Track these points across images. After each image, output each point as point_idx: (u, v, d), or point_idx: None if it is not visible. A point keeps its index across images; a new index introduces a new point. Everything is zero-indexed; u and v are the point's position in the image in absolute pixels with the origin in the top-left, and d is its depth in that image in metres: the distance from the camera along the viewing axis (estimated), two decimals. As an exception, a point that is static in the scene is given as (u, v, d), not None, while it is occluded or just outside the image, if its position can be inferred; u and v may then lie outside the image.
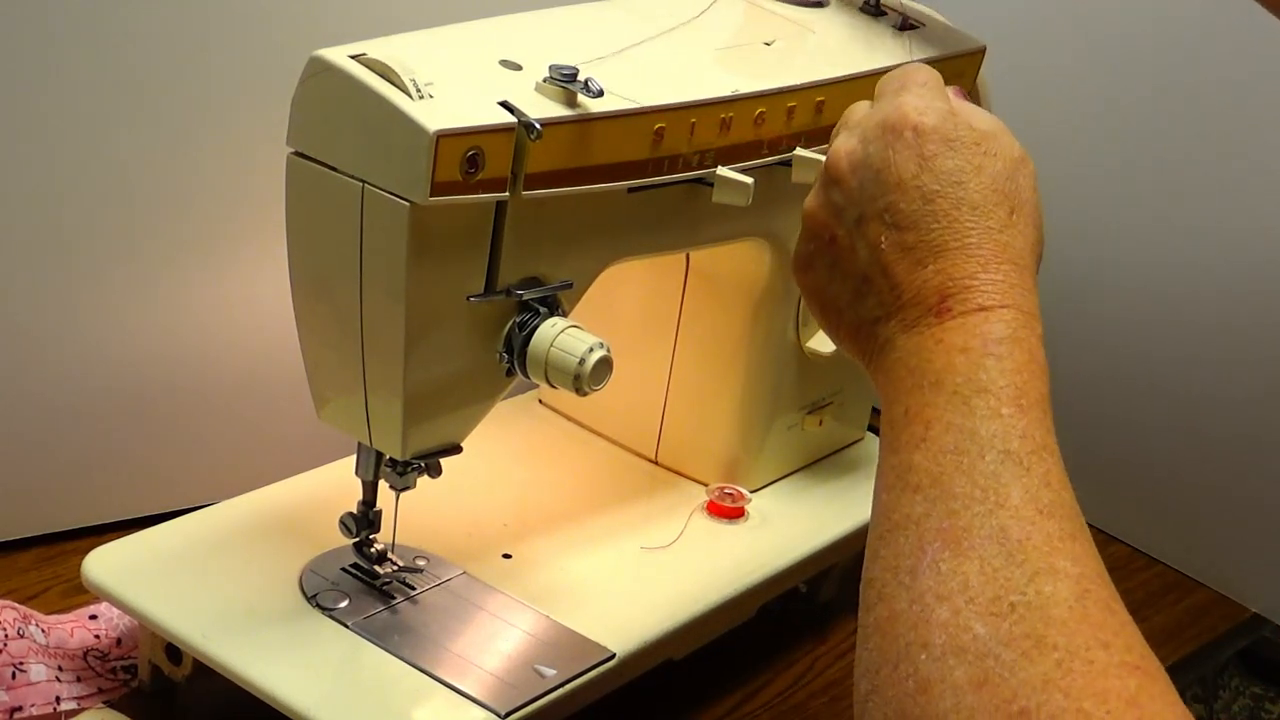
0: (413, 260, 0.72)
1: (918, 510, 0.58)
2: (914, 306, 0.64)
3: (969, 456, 0.58)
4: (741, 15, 0.93)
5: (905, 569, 0.57)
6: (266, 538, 0.86)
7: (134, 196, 0.93)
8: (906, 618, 0.56)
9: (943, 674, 0.53)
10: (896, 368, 0.63)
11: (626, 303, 0.98)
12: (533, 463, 1.00)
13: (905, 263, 0.64)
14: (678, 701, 0.91)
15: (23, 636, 0.84)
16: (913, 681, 0.54)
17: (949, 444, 0.59)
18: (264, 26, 0.93)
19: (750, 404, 0.98)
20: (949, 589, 0.55)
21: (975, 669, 0.53)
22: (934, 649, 0.54)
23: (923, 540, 0.57)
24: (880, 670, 0.56)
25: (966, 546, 0.56)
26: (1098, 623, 0.54)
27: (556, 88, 0.74)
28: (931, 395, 0.61)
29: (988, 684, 0.52)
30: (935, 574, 0.56)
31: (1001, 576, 0.55)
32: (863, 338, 0.67)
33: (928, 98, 0.68)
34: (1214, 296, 1.11)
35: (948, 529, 0.57)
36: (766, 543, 0.95)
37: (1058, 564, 0.55)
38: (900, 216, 0.65)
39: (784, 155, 0.85)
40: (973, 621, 0.54)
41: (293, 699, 0.75)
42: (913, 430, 0.61)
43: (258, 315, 0.98)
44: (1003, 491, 0.57)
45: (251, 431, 1.02)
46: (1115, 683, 0.52)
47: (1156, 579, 1.15)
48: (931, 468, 0.59)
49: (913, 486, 0.59)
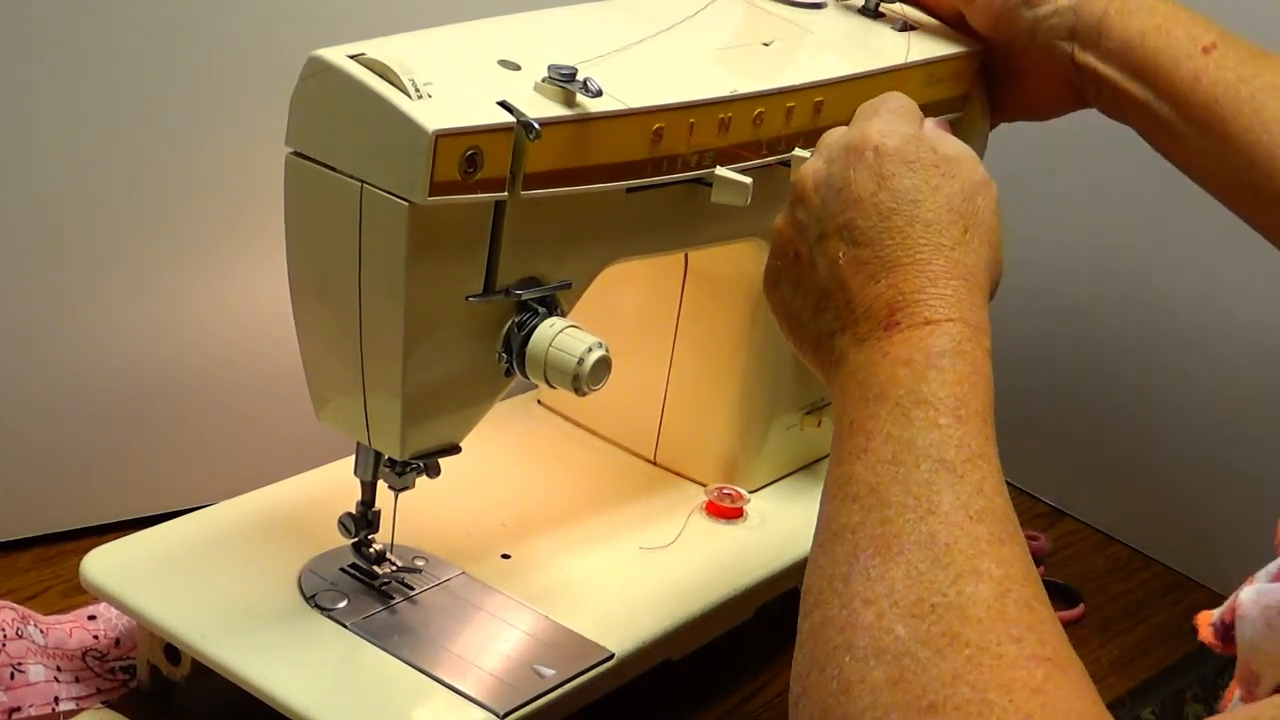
0: (412, 260, 0.72)
1: (854, 519, 0.60)
2: (866, 320, 0.65)
3: (905, 467, 0.60)
4: (740, 15, 0.93)
5: (839, 575, 0.59)
6: (266, 538, 0.86)
7: (133, 196, 0.93)
8: (836, 622, 0.58)
9: (863, 674, 0.55)
10: (847, 381, 0.65)
11: (625, 303, 0.98)
12: (532, 463, 1.00)
13: (860, 277, 0.66)
14: (677, 701, 0.91)
15: (21, 637, 0.84)
16: (836, 683, 0.56)
17: (887, 454, 0.61)
18: (264, 26, 0.93)
19: (749, 404, 0.98)
20: (876, 593, 0.57)
21: (893, 668, 0.55)
22: (857, 651, 0.56)
23: (856, 548, 0.59)
24: (810, 674, 0.58)
25: (895, 552, 0.58)
26: (1013, 619, 0.55)
27: (555, 88, 0.74)
28: (875, 407, 0.62)
29: (902, 682, 0.54)
30: (865, 579, 0.58)
31: (926, 580, 0.57)
32: (822, 351, 0.69)
33: (894, 122, 0.70)
34: (1213, 296, 1.11)
35: (879, 536, 0.58)
36: (766, 543, 0.95)
37: (982, 566, 0.57)
38: (858, 233, 0.67)
39: (783, 155, 0.85)
40: (895, 623, 0.56)
41: (292, 699, 0.75)
42: (855, 441, 0.62)
43: (257, 315, 0.98)
44: (935, 499, 0.59)
45: (251, 431, 1.02)
46: (1022, 674, 0.53)
47: (1156, 579, 1.15)
48: (870, 478, 0.61)
49: (851, 496, 0.61)
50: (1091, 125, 0.98)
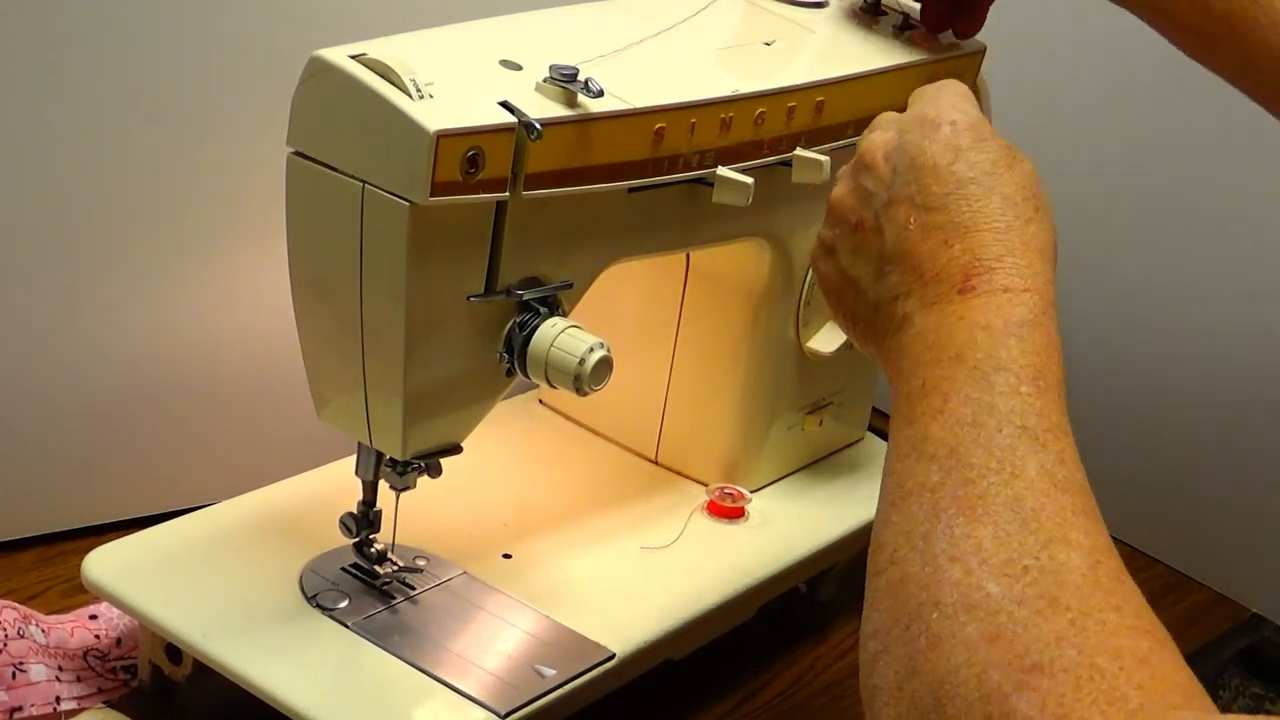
0: (413, 260, 0.72)
1: (933, 478, 0.59)
2: (937, 284, 0.65)
3: (986, 430, 0.59)
4: (741, 15, 0.93)
5: (919, 534, 0.58)
6: (266, 538, 0.86)
7: (134, 196, 0.93)
8: (919, 579, 0.57)
9: (954, 630, 0.54)
10: (914, 343, 0.65)
11: (626, 303, 0.98)
12: (533, 463, 1.00)
13: (931, 242, 0.66)
14: (678, 701, 0.91)
15: (23, 636, 0.84)
16: (924, 639, 0.55)
17: (967, 416, 0.60)
18: (264, 26, 0.93)
19: (750, 404, 0.98)
20: (962, 551, 0.56)
21: (987, 624, 0.54)
22: (945, 607, 0.55)
23: (937, 507, 0.58)
24: (891, 631, 0.57)
25: (981, 513, 0.57)
26: (1109, 589, 0.55)
27: (556, 88, 0.74)
28: (951, 369, 0.62)
29: (1000, 639, 0.53)
30: (949, 537, 0.57)
31: (1015, 542, 0.56)
32: (881, 317, 0.68)
33: (964, 103, 0.71)
34: (1216, 298, 1.11)
35: (963, 496, 0.58)
36: (766, 543, 0.95)
37: (1070, 535, 0.56)
38: (931, 199, 0.67)
39: (784, 155, 0.85)
40: (985, 581, 0.55)
41: (292, 699, 0.75)
42: (930, 402, 0.62)
43: (258, 315, 0.98)
44: (1019, 464, 0.58)
45: (251, 431, 1.02)
46: (1128, 642, 0.53)
47: (1157, 579, 1.15)
48: (948, 438, 0.60)
49: (928, 456, 0.60)
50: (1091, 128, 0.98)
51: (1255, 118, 1.06)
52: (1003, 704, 0.51)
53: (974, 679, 0.53)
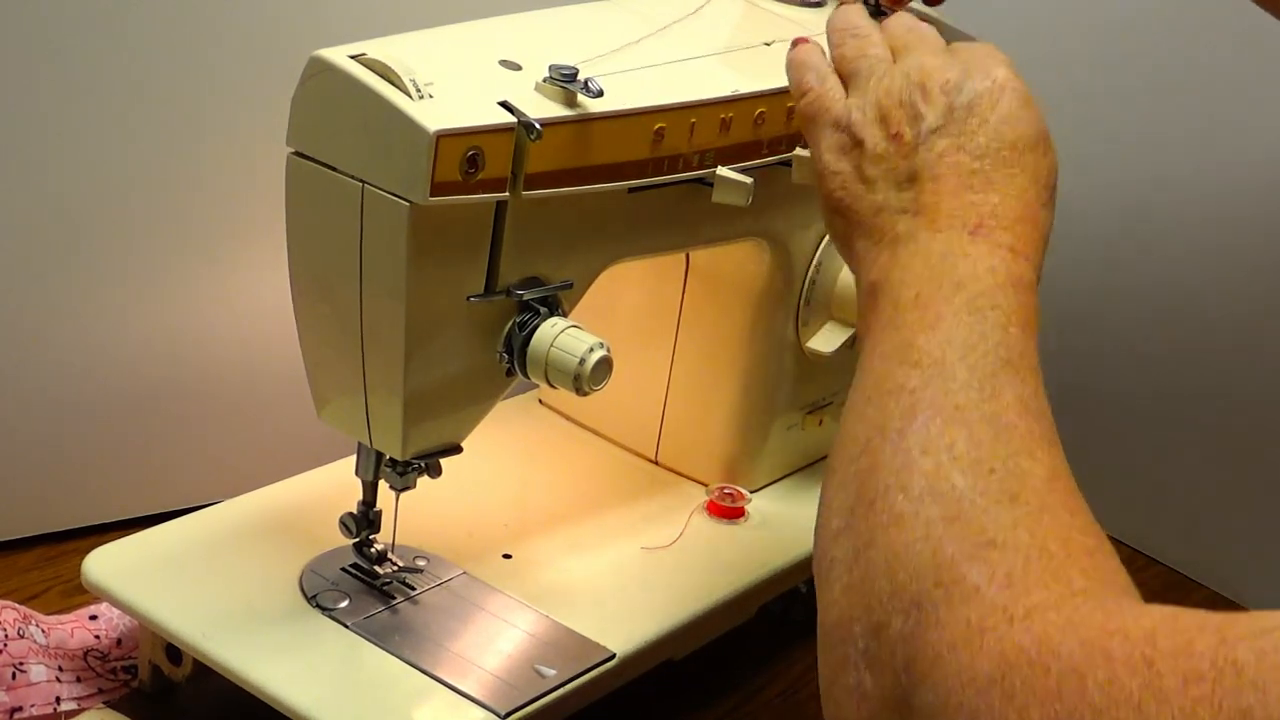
0: (413, 260, 0.72)
1: (913, 383, 0.63)
2: (949, 216, 0.69)
3: (974, 354, 0.63)
4: (741, 15, 0.93)
5: (894, 429, 0.61)
6: (266, 538, 0.86)
7: (134, 197, 0.93)
8: (889, 465, 0.60)
9: (917, 510, 0.58)
10: (914, 259, 0.68)
11: (626, 303, 0.98)
12: (533, 463, 1.00)
13: (957, 180, 0.70)
14: (678, 702, 0.91)
15: (23, 637, 0.84)
16: (887, 516, 0.58)
17: (957, 337, 0.64)
18: (264, 26, 0.93)
19: (750, 404, 0.98)
20: (935, 447, 0.60)
21: (950, 508, 0.57)
22: (912, 491, 0.59)
23: (915, 408, 0.62)
24: (855, 509, 0.60)
25: (958, 421, 0.60)
26: (1064, 498, 0.59)
27: (556, 88, 0.74)
28: (950, 293, 0.65)
29: (960, 519, 0.57)
30: (924, 434, 0.60)
31: (986, 448, 0.59)
32: (881, 219, 0.71)
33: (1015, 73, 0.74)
34: (1215, 294, 1.11)
35: (942, 404, 0.61)
36: (766, 543, 0.95)
37: (1036, 453, 0.60)
38: (975, 147, 0.70)
39: (784, 155, 0.85)
40: (953, 474, 0.58)
41: (292, 699, 0.75)
42: (922, 315, 0.65)
43: (258, 315, 0.98)
44: (998, 389, 0.62)
45: (251, 431, 1.02)
46: (1078, 536, 0.57)
47: (1156, 579, 1.14)
48: (935, 352, 0.63)
49: (912, 362, 0.63)
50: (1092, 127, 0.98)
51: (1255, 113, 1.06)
52: (953, 570, 0.55)
53: (929, 551, 0.56)
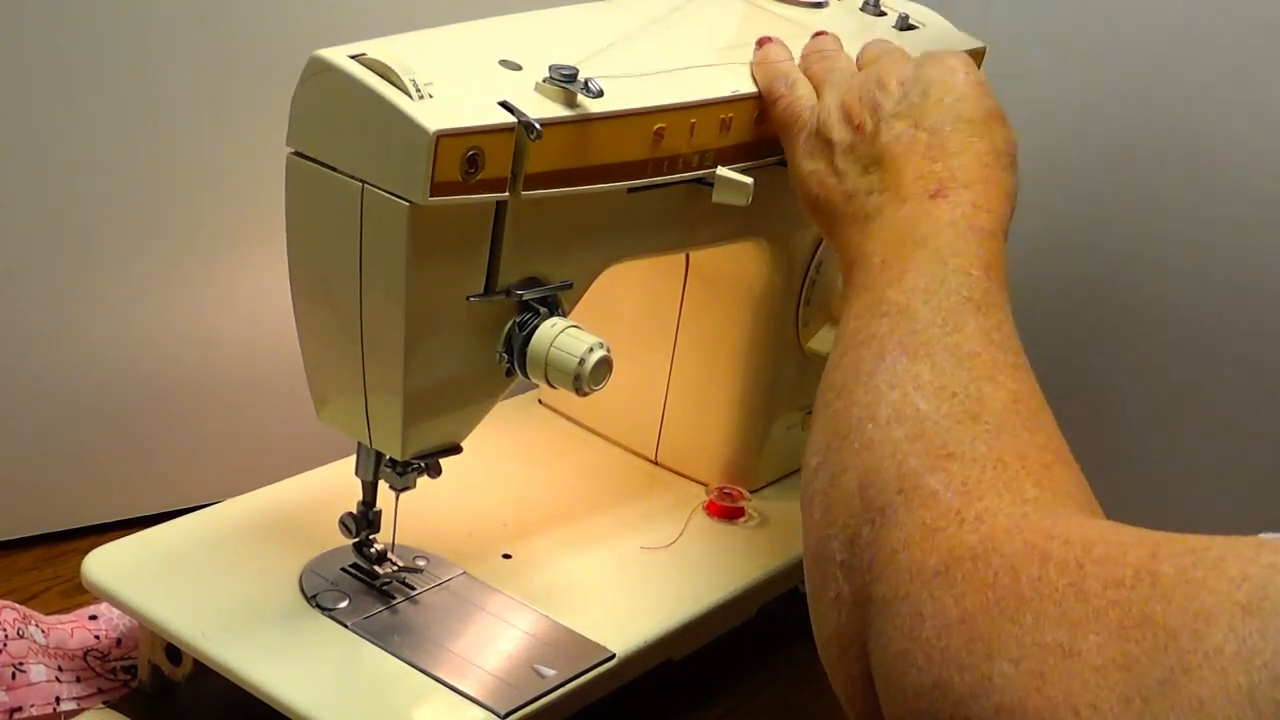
0: (412, 260, 0.72)
1: (883, 330, 0.67)
2: (912, 186, 0.73)
3: (937, 296, 0.67)
4: (741, 15, 0.93)
5: (865, 372, 0.66)
6: (266, 538, 0.86)
7: (134, 197, 0.93)
8: (861, 402, 0.65)
9: (885, 435, 0.63)
10: (881, 230, 0.72)
11: (626, 303, 0.98)
12: (533, 463, 1.00)
13: (916, 154, 0.74)
14: (677, 701, 0.91)
15: (23, 637, 0.84)
16: (859, 443, 0.64)
17: (920, 284, 0.68)
18: (264, 26, 0.93)
19: (750, 404, 0.98)
20: (901, 380, 0.64)
21: (914, 428, 0.62)
22: (880, 420, 0.63)
23: (884, 351, 0.66)
24: (830, 443, 0.65)
25: (923, 355, 0.65)
26: (1025, 417, 0.63)
27: (556, 88, 0.74)
28: (913, 250, 0.70)
29: (923, 437, 0.62)
30: (891, 372, 0.65)
31: (948, 376, 0.64)
32: (852, 205, 0.76)
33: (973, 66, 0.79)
34: (1215, 295, 1.11)
35: (907, 343, 0.66)
36: (766, 543, 0.95)
37: (999, 378, 0.64)
38: (930, 122, 0.75)
39: (783, 155, 0.85)
40: (918, 400, 0.63)
41: (292, 699, 0.75)
42: (889, 273, 0.70)
43: (257, 315, 0.98)
44: (961, 323, 0.66)
45: (251, 431, 1.02)
46: (1035, 452, 0.61)
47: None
48: (901, 299, 0.68)
49: (880, 313, 0.68)
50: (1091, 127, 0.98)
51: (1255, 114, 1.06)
52: (915, 480, 0.60)
53: (894, 466, 0.61)
